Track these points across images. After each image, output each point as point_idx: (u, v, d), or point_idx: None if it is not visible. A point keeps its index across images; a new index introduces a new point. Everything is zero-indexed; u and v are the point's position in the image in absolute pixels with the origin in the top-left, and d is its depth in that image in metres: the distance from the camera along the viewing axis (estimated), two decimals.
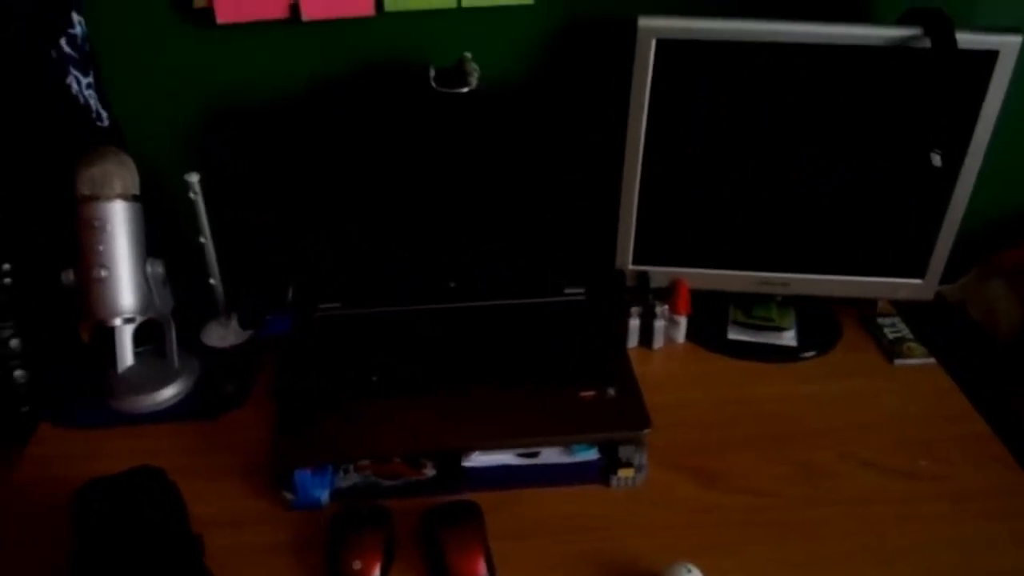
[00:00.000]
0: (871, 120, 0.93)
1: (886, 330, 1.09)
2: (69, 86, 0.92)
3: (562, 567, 0.78)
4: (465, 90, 0.93)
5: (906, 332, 1.09)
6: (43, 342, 0.96)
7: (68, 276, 0.91)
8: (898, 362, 1.04)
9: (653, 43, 0.90)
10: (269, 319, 1.08)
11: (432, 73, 0.93)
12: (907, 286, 1.04)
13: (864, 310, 1.13)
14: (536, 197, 1.04)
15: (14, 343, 0.93)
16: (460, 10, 1.00)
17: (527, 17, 1.03)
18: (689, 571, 0.73)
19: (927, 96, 0.91)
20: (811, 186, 0.98)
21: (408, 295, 1.03)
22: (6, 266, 0.91)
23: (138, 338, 0.95)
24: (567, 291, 1.04)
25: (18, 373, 0.94)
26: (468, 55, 0.95)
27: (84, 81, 0.94)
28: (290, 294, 1.06)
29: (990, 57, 0.87)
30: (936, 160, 0.91)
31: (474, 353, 0.97)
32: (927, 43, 0.87)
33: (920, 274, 1.02)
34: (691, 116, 0.95)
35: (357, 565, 0.75)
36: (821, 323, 1.11)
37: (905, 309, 1.12)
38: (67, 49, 0.91)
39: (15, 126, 0.93)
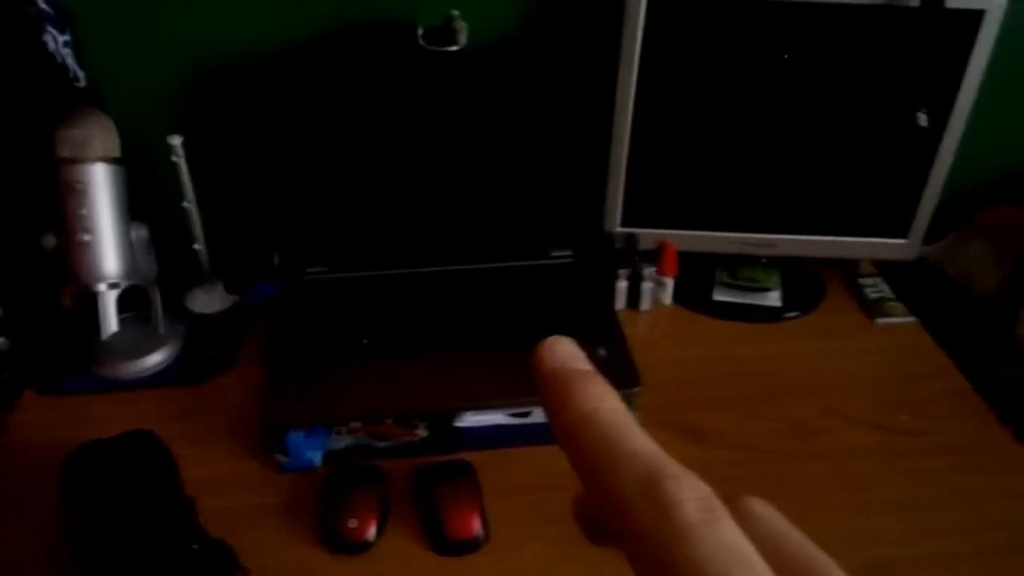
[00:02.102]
0: (858, 79, 0.94)
1: (868, 290, 1.10)
2: (45, 44, 0.90)
3: (555, 522, 0.78)
4: (454, 48, 0.92)
5: (887, 292, 1.10)
6: (25, 309, 0.95)
7: (50, 241, 0.89)
8: (880, 321, 1.06)
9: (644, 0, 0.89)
10: (254, 284, 1.07)
11: (420, 31, 0.92)
12: (891, 246, 1.05)
13: (847, 271, 1.14)
14: (524, 158, 1.03)
15: None
16: None
17: None
18: None
19: (914, 55, 0.92)
20: (798, 146, 0.99)
21: (395, 258, 1.03)
22: None
23: (122, 304, 0.94)
24: (554, 253, 1.04)
25: (0, 340, 0.92)
26: (456, 13, 0.93)
27: (61, 39, 0.91)
28: (276, 259, 1.05)
29: (976, 16, 0.88)
30: (922, 120, 0.92)
31: (464, 315, 0.97)
32: (915, 1, 0.87)
33: (904, 234, 1.04)
34: (681, 75, 0.95)
35: (353, 524, 0.76)
36: (805, 284, 1.12)
37: (887, 270, 1.14)
38: (43, 5, 0.89)
39: None
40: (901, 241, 1.04)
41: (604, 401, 0.20)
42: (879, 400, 0.94)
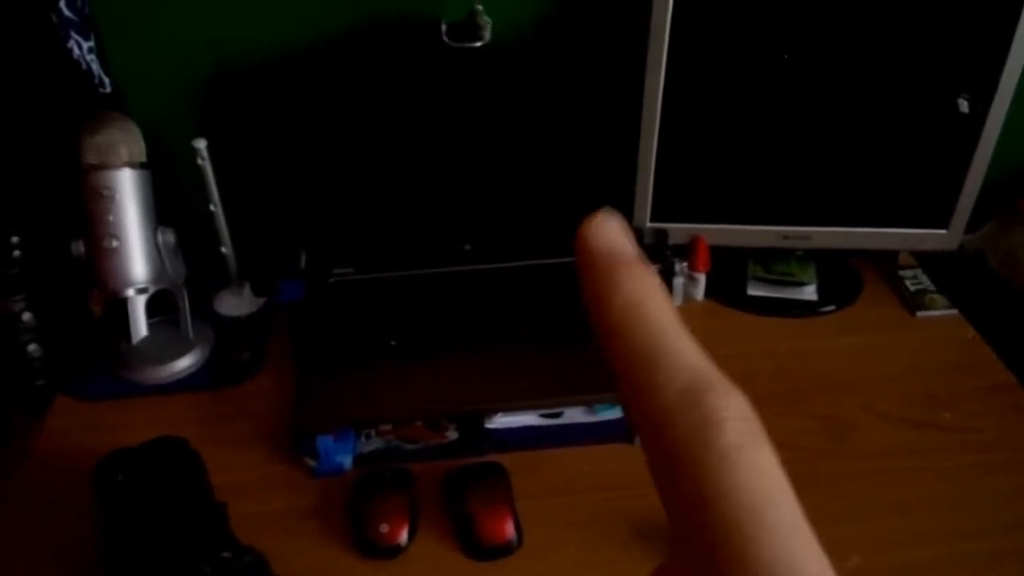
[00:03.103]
0: (896, 66, 0.91)
1: (907, 282, 1.07)
2: (70, 51, 0.90)
3: (589, 525, 0.78)
4: (478, 44, 0.90)
5: (928, 284, 1.07)
6: (55, 315, 0.95)
7: (78, 247, 0.89)
8: (920, 314, 1.03)
9: None
10: (281, 286, 1.07)
11: (444, 27, 0.91)
12: (931, 237, 1.02)
13: (885, 263, 1.11)
14: (551, 154, 1.02)
15: (26, 317, 0.92)
16: None
17: None
18: None
19: (953, 40, 0.89)
20: (833, 136, 0.96)
21: (422, 258, 1.02)
22: (15, 239, 0.89)
23: (151, 309, 0.94)
24: None
25: (32, 347, 0.93)
26: (479, 7, 0.92)
27: (85, 45, 0.91)
28: (302, 260, 1.04)
29: None
30: (963, 106, 0.89)
31: (492, 315, 0.96)
32: None
33: (944, 224, 1.01)
34: (711, 68, 0.93)
35: (384, 529, 0.75)
36: (842, 277, 1.09)
37: (926, 261, 1.11)
38: (67, 12, 0.88)
39: (17, 94, 0.90)
40: (941, 231, 1.01)
41: (651, 296, 0.18)
42: (919, 396, 0.92)
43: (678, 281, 1.03)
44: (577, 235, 0.19)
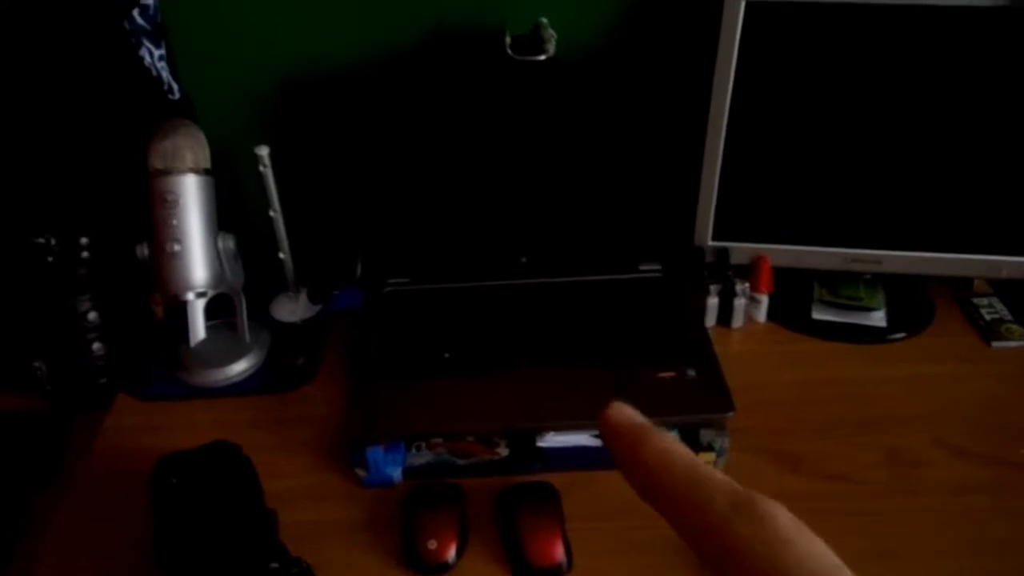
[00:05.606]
0: (974, 86, 0.87)
1: (983, 310, 1.03)
2: (142, 58, 0.92)
3: (639, 550, 0.76)
4: (542, 57, 0.89)
5: (1004, 312, 1.02)
6: (119, 315, 0.97)
7: (143, 250, 0.91)
8: (996, 344, 0.98)
9: (742, 6, 0.85)
10: (337, 293, 1.08)
11: (508, 40, 0.90)
12: (1010, 264, 0.97)
13: (958, 289, 1.07)
14: (613, 169, 1.00)
15: (92, 316, 0.94)
16: None
17: None
18: None
19: None
20: (907, 158, 0.92)
21: (478, 270, 1.01)
22: (84, 240, 0.92)
23: (209, 312, 0.95)
24: (643, 267, 1.00)
25: (96, 346, 0.95)
26: (544, 20, 0.91)
27: (156, 53, 0.93)
28: (359, 268, 1.05)
29: None
30: None
31: (548, 330, 0.94)
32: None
33: None
34: (780, 83, 0.90)
35: (432, 545, 0.74)
36: (912, 302, 1.05)
37: (1002, 288, 1.06)
38: (139, 20, 0.90)
39: (90, 100, 0.93)
40: (1021, 259, 0.96)
41: (675, 444, 0.23)
42: (994, 431, 0.87)
43: (739, 302, 1.01)
44: (601, 417, 0.26)
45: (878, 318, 1.02)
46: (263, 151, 0.96)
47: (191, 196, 0.90)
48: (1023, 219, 0.94)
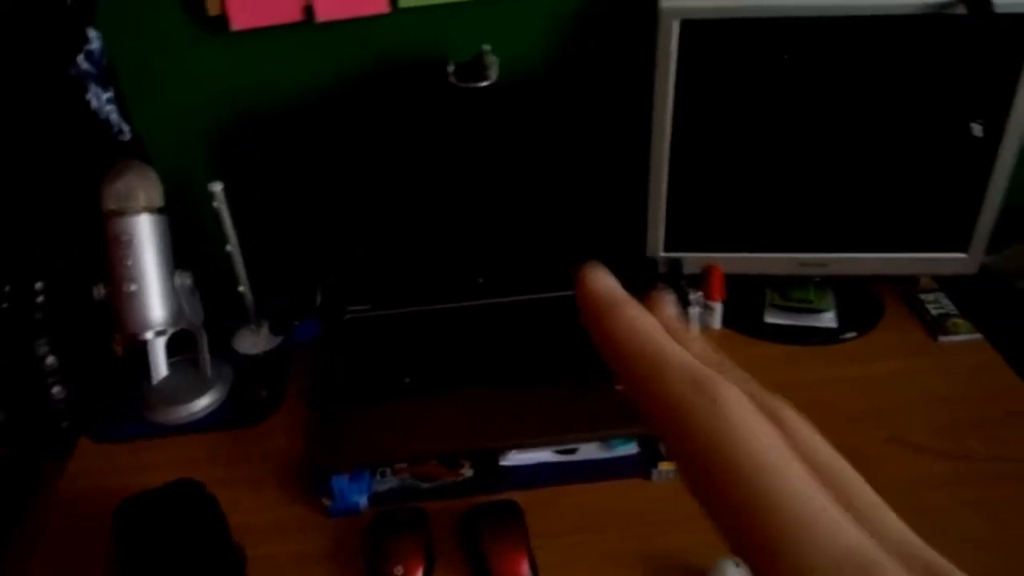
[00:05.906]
0: (907, 92, 0.90)
1: (929, 306, 1.06)
2: (89, 102, 0.92)
3: (606, 564, 0.77)
4: (485, 84, 0.91)
5: (950, 307, 1.05)
6: (78, 358, 0.97)
7: (99, 291, 0.91)
8: (943, 339, 1.01)
9: (676, 24, 0.87)
10: (298, 324, 1.08)
11: (451, 68, 0.92)
12: (950, 261, 1.00)
13: (905, 287, 1.09)
14: (561, 189, 1.02)
15: (50, 360, 0.94)
16: (476, 1, 0.98)
17: (544, 2, 1.00)
18: (737, 565, 0.71)
19: (964, 64, 0.88)
20: (847, 163, 0.95)
21: (436, 293, 1.02)
22: (38, 284, 0.92)
23: (172, 348, 0.95)
24: None
25: (56, 389, 0.95)
26: (487, 47, 0.93)
27: (104, 96, 0.94)
28: (318, 298, 1.05)
29: None
30: (977, 130, 0.87)
31: (506, 350, 0.96)
32: (962, 8, 0.83)
33: (963, 248, 0.99)
34: (719, 96, 0.93)
35: (399, 571, 0.75)
36: (861, 303, 1.08)
37: (948, 284, 1.09)
38: (85, 65, 0.91)
39: (39, 145, 0.93)
40: (960, 255, 0.99)
41: (641, 317, 0.23)
42: (945, 425, 0.90)
43: (694, 311, 1.03)
44: (576, 280, 0.24)
45: (829, 319, 1.05)
46: (217, 187, 0.97)
47: (145, 236, 0.90)
48: (960, 218, 0.97)
